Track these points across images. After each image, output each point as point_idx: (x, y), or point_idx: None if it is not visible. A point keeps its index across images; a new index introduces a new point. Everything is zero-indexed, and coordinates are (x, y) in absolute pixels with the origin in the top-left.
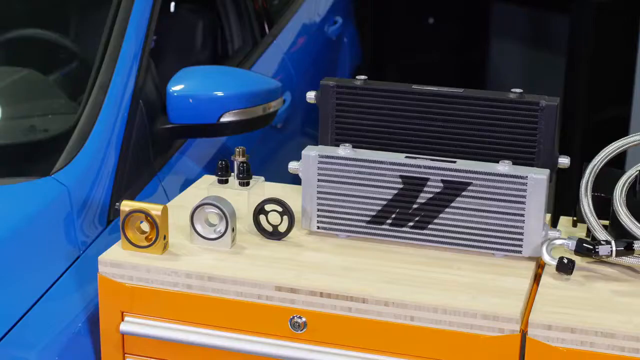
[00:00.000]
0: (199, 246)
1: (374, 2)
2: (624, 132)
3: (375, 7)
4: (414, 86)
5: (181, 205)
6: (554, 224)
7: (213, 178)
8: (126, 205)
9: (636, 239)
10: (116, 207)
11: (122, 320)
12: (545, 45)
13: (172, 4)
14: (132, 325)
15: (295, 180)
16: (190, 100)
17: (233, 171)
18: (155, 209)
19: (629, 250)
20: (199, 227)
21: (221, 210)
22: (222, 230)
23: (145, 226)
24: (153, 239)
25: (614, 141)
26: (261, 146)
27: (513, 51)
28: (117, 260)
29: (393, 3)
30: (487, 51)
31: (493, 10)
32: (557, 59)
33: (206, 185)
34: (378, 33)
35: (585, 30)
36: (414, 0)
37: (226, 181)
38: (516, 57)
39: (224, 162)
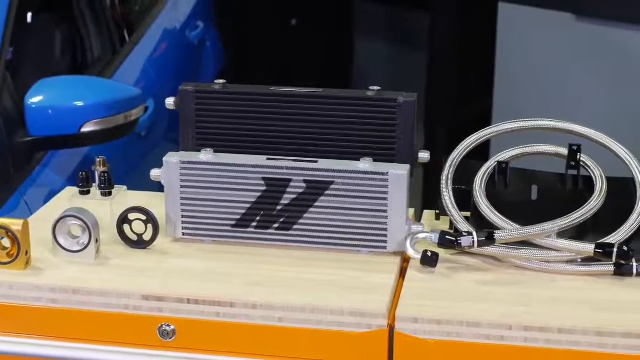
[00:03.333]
0: (62, 259)
1: (235, 5)
2: (488, 125)
3: (237, 10)
4: (272, 88)
5: (43, 218)
6: (421, 218)
7: (76, 190)
8: None
9: (497, 228)
10: None
11: None
12: (408, 43)
13: (29, 15)
14: None
15: (161, 188)
16: (50, 112)
17: (95, 182)
18: (15, 224)
19: (490, 240)
20: (61, 240)
21: (83, 221)
22: (86, 242)
23: (6, 242)
24: (15, 255)
25: None
26: (126, 155)
27: (377, 50)
28: None
29: (255, 5)
30: (351, 50)
31: (355, 10)
32: (420, 56)
33: (68, 197)
34: (241, 36)
35: (445, 26)
36: (276, 2)
37: (88, 192)
38: (380, 55)
39: (84, 173)
